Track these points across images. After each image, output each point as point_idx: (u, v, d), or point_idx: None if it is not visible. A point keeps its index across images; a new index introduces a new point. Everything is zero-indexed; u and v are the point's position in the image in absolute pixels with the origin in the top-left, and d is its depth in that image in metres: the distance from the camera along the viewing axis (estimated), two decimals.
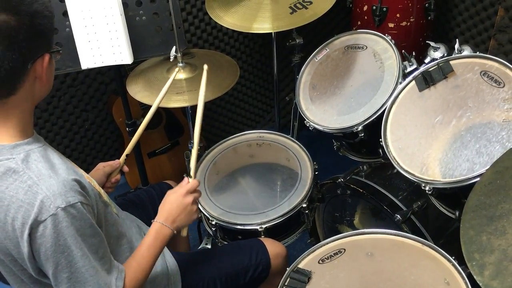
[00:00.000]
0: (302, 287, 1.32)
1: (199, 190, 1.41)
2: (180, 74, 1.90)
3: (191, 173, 1.46)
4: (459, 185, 1.37)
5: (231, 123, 2.87)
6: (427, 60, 1.65)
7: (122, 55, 1.85)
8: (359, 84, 1.83)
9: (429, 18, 2.28)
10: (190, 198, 1.36)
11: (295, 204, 1.70)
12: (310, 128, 1.82)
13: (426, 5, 2.25)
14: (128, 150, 1.58)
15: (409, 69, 1.71)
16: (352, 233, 1.44)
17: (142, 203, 1.72)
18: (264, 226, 1.66)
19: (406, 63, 1.72)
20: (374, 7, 2.22)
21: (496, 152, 1.38)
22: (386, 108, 1.62)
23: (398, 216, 1.62)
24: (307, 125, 1.83)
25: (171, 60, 1.90)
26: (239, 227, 1.68)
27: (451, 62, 1.56)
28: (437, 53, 1.65)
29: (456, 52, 1.59)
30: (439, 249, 1.31)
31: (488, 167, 1.24)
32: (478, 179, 1.28)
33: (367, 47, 1.86)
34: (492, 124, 1.43)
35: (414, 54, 1.73)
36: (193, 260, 1.56)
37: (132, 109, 2.18)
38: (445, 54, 1.64)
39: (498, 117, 1.43)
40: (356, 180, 1.81)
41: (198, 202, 1.40)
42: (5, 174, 1.07)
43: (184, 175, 2.21)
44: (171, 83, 1.58)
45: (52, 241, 1.05)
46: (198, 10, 2.44)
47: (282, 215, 1.68)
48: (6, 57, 1.02)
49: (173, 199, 1.36)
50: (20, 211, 1.05)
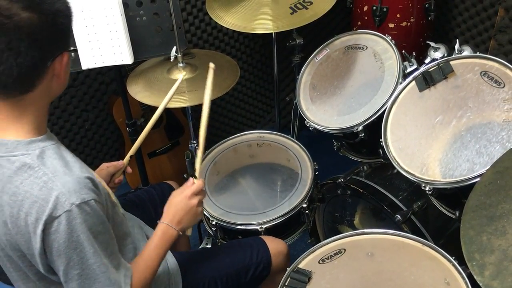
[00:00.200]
0: (302, 287, 1.32)
1: (204, 191, 1.41)
2: (180, 74, 1.91)
3: (196, 173, 1.45)
4: (459, 185, 1.37)
5: (231, 123, 2.87)
6: (427, 61, 1.65)
7: (123, 55, 1.85)
8: (359, 84, 1.83)
9: (429, 18, 2.28)
10: (196, 200, 1.36)
11: (295, 204, 1.70)
12: (310, 128, 1.82)
13: (426, 5, 2.25)
14: (132, 151, 1.58)
15: (409, 69, 1.71)
16: (352, 233, 1.44)
17: (142, 203, 1.72)
18: (264, 226, 1.66)
19: (406, 63, 1.72)
20: (374, 8, 2.23)
21: (496, 152, 1.38)
22: (386, 108, 1.62)
23: (398, 216, 1.62)
24: (307, 125, 1.83)
25: (172, 60, 1.90)
26: (239, 227, 1.68)
27: (451, 63, 1.56)
28: (437, 53, 1.65)
29: (456, 52, 1.59)
30: (439, 249, 1.31)
31: (488, 167, 1.24)
32: (478, 179, 1.28)
33: (367, 48, 1.86)
34: (492, 124, 1.43)
35: (414, 54, 1.73)
36: (193, 260, 1.56)
37: (132, 109, 2.18)
38: (445, 55, 1.64)
39: (498, 117, 1.43)
40: (356, 180, 1.82)
41: (202, 203, 1.40)
42: (20, 169, 1.07)
43: (184, 175, 2.22)
44: (178, 85, 1.59)
45: (65, 237, 1.06)
46: (198, 10, 2.44)
47: (282, 215, 1.68)
48: (28, 54, 1.03)
49: (178, 200, 1.36)
50: (34, 206, 1.05)
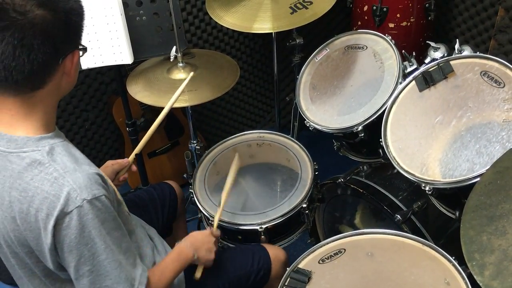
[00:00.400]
0: (302, 287, 1.32)
1: (218, 239, 1.55)
2: (180, 74, 1.91)
3: (214, 225, 1.60)
4: (459, 185, 1.37)
5: (231, 123, 2.87)
6: (427, 60, 1.65)
7: (122, 55, 1.85)
8: (359, 84, 1.83)
9: (429, 18, 2.28)
10: (213, 239, 1.48)
11: (295, 204, 1.70)
12: (310, 128, 1.82)
13: (426, 5, 2.25)
14: (138, 149, 1.60)
15: (409, 69, 1.71)
16: (352, 233, 1.44)
17: (143, 203, 1.72)
18: (264, 226, 1.66)
19: (406, 63, 1.72)
20: (375, 7, 2.22)
21: (496, 152, 1.38)
22: (386, 108, 1.62)
23: (398, 216, 1.62)
24: (307, 125, 1.83)
25: (171, 60, 1.90)
26: (239, 227, 1.68)
27: (451, 62, 1.56)
28: (437, 53, 1.65)
29: (456, 52, 1.59)
30: (439, 249, 1.31)
31: (488, 167, 1.24)
32: (478, 179, 1.28)
33: (367, 47, 1.86)
34: (492, 124, 1.43)
35: (414, 54, 1.72)
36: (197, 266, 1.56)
37: (132, 109, 2.18)
38: (445, 54, 1.64)
39: (498, 117, 1.43)
40: (356, 180, 1.81)
41: (216, 248, 1.50)
42: (30, 166, 1.08)
43: (184, 175, 2.22)
44: (185, 86, 1.63)
45: (77, 232, 1.07)
46: (198, 10, 2.44)
47: (282, 215, 1.67)
48: (40, 50, 1.04)
49: (198, 233, 1.49)
50: (45, 202, 1.06)
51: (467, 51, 1.58)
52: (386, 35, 1.82)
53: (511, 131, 1.39)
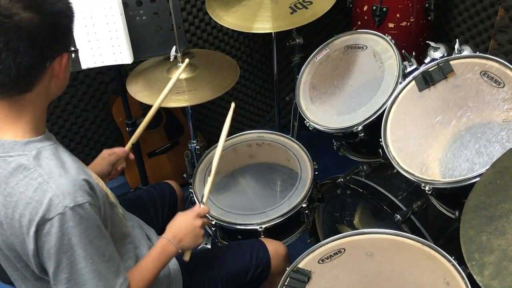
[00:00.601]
0: (302, 287, 1.32)
1: (208, 216, 1.44)
2: (180, 74, 1.90)
3: (204, 199, 1.50)
4: (459, 185, 1.37)
5: (231, 123, 2.86)
6: (427, 60, 1.65)
7: (122, 55, 1.85)
8: (359, 84, 1.83)
9: (429, 18, 2.28)
10: (199, 222, 1.38)
11: (295, 204, 1.70)
12: (310, 128, 1.82)
13: (426, 5, 2.24)
14: (134, 138, 1.61)
15: (409, 69, 1.71)
16: (352, 233, 1.44)
17: (142, 203, 1.72)
18: (264, 226, 1.66)
19: (406, 63, 1.72)
20: (374, 7, 2.22)
21: (496, 152, 1.38)
22: (386, 108, 1.62)
23: (398, 216, 1.62)
24: (307, 125, 1.83)
25: (171, 60, 1.90)
26: (239, 227, 1.68)
27: (451, 62, 1.56)
28: (437, 53, 1.65)
29: (456, 52, 1.59)
30: (439, 249, 1.31)
31: (488, 167, 1.24)
32: (478, 179, 1.28)
33: (367, 47, 1.86)
34: (492, 124, 1.43)
35: (414, 54, 1.73)
36: (194, 261, 1.55)
37: (132, 109, 2.18)
38: (445, 54, 1.64)
39: (498, 117, 1.43)
40: (356, 180, 1.81)
41: (205, 228, 1.43)
42: (16, 170, 1.07)
43: (184, 175, 2.22)
44: (177, 78, 1.63)
45: (56, 240, 1.06)
46: (198, 10, 2.44)
47: (282, 215, 1.68)
48: (27, 54, 1.02)
49: (182, 219, 1.39)
50: (28, 208, 1.05)
51: (467, 51, 1.58)
52: (386, 35, 1.82)
53: (511, 131, 1.39)
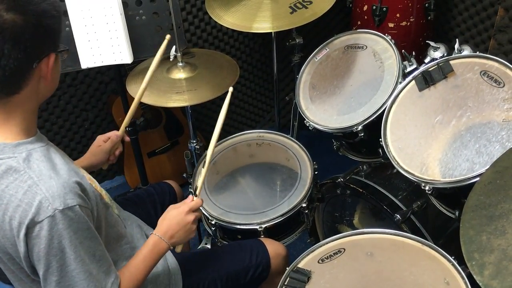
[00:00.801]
0: (301, 287, 1.32)
1: (200, 210, 1.41)
2: (180, 74, 1.91)
3: (197, 191, 1.47)
4: (459, 185, 1.37)
5: (231, 123, 2.87)
6: (427, 60, 1.65)
7: (122, 54, 1.85)
8: (359, 84, 1.83)
9: (429, 18, 2.28)
10: (191, 217, 1.34)
11: (295, 204, 1.70)
12: (310, 128, 1.82)
13: (426, 5, 2.25)
14: (127, 119, 1.61)
15: (409, 69, 1.71)
16: (352, 233, 1.44)
17: (142, 202, 1.72)
18: (263, 226, 1.65)
19: (406, 63, 1.72)
20: (374, 7, 2.22)
21: (496, 152, 1.38)
22: (386, 108, 1.62)
23: (398, 216, 1.62)
24: (307, 124, 1.83)
25: (171, 59, 1.90)
26: (238, 226, 1.68)
27: (451, 62, 1.56)
28: (437, 53, 1.65)
29: (456, 52, 1.59)
30: (439, 249, 1.31)
31: (488, 167, 1.24)
32: (478, 179, 1.28)
33: (367, 47, 1.86)
34: (492, 124, 1.43)
35: (414, 54, 1.72)
36: (194, 260, 1.56)
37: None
38: (445, 54, 1.64)
39: (498, 117, 1.43)
40: (356, 180, 1.81)
41: (197, 221, 1.39)
42: (6, 173, 1.07)
43: (184, 175, 2.21)
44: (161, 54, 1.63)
45: (46, 242, 1.05)
46: (198, 9, 2.44)
47: (282, 215, 1.67)
48: (12, 56, 1.02)
49: (174, 214, 1.34)
50: (18, 210, 1.05)
51: (466, 50, 1.58)
52: (386, 34, 1.82)
53: (511, 130, 1.39)
